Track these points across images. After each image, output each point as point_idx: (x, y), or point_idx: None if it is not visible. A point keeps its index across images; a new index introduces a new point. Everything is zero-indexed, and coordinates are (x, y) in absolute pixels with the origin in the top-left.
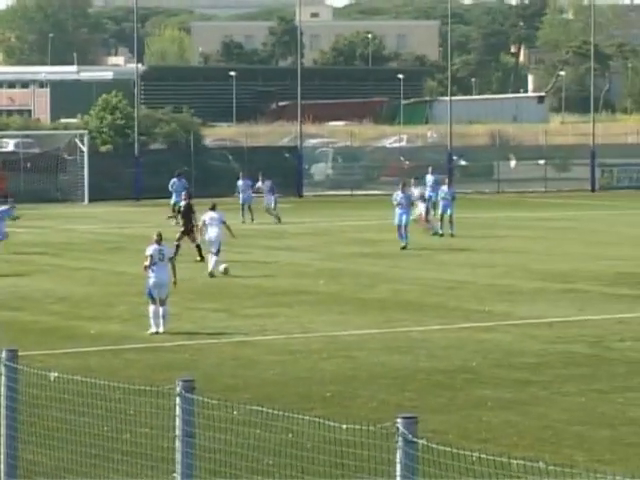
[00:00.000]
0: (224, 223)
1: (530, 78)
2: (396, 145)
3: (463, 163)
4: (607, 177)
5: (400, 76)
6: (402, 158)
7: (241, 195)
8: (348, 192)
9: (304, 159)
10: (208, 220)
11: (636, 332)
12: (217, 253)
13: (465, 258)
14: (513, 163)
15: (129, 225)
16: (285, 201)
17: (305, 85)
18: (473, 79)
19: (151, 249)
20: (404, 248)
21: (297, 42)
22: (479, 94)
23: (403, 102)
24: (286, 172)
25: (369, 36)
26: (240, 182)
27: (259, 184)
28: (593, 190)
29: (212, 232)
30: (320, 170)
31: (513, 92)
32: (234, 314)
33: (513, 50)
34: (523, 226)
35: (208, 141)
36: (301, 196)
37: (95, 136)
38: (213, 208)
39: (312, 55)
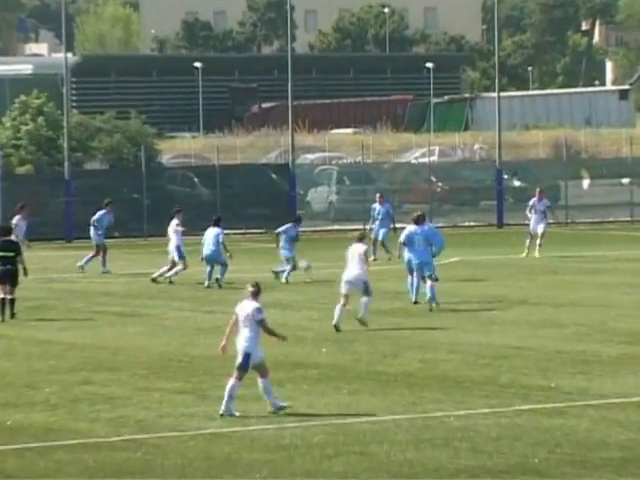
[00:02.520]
0: (366, 256)
1: (609, 66)
2: (425, 160)
3: (517, 184)
4: None
5: (429, 65)
6: (433, 178)
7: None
8: (358, 226)
9: (298, 181)
10: (350, 255)
11: None
12: (367, 292)
13: (522, 314)
14: (586, 183)
15: (58, 276)
16: (270, 239)
17: (298, 79)
18: (530, 68)
19: (239, 306)
20: None
21: (287, 20)
22: (538, 88)
23: (434, 101)
24: (273, 199)
25: (385, 11)
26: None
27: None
28: None
29: (354, 269)
30: (320, 196)
31: (585, 85)
32: (204, 396)
33: (585, 27)
34: (601, 269)
35: (166, 158)
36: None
37: (10, 153)
38: (361, 239)
39: (307, 38)
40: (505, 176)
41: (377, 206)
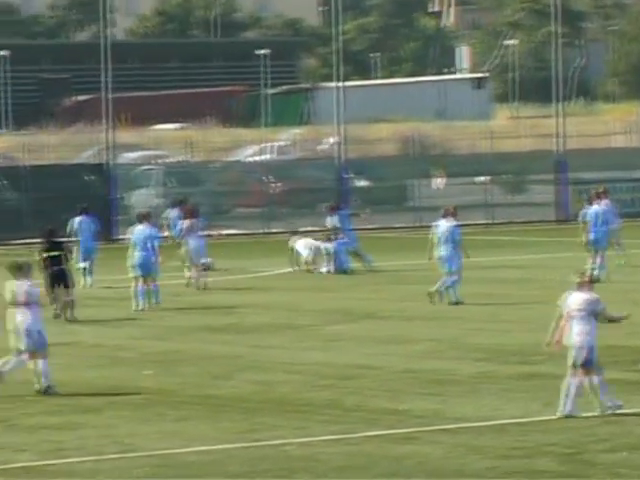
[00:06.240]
0: None
1: (463, 51)
2: (259, 158)
3: (362, 183)
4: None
5: (263, 52)
6: (266, 178)
7: None
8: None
9: (117, 183)
10: None
11: (632, 436)
12: None
13: (367, 330)
14: (440, 182)
15: None
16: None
17: (116, 69)
18: (375, 54)
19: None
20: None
21: (102, 2)
22: (385, 77)
23: (268, 92)
24: (89, 204)
25: None
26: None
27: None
28: (562, 220)
29: None
30: (143, 200)
31: (437, 73)
32: (12, 426)
33: (435, 8)
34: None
35: None
36: (113, 240)
37: None
38: None
39: (126, 23)
40: (348, 175)
41: (593, 208)
